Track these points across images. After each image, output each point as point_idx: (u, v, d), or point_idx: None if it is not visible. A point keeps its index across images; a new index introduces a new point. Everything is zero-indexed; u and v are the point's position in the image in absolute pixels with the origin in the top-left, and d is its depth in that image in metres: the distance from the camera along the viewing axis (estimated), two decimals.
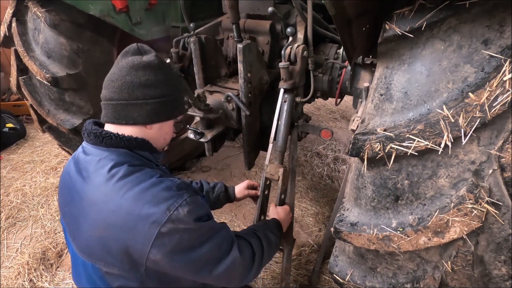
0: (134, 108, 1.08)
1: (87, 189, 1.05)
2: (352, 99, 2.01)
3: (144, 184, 1.01)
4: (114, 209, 0.98)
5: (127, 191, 0.99)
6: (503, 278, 1.08)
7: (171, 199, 1.00)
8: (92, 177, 1.05)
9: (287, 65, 1.66)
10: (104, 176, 1.02)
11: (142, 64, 1.07)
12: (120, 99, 1.07)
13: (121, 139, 1.09)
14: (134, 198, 0.98)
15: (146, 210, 0.96)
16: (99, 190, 1.02)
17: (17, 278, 2.32)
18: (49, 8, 2.04)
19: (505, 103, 0.92)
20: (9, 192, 3.13)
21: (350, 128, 1.51)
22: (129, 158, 1.09)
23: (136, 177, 1.03)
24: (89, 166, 1.07)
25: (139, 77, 1.06)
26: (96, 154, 1.08)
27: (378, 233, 1.19)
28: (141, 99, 1.07)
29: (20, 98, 3.83)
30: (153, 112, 1.10)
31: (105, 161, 1.05)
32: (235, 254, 1.13)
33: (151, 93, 1.08)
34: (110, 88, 1.08)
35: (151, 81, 1.08)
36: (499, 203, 0.99)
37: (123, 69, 1.07)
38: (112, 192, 1.00)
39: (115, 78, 1.07)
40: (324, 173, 3.44)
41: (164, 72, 1.11)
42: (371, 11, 1.24)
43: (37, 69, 2.12)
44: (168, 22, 2.47)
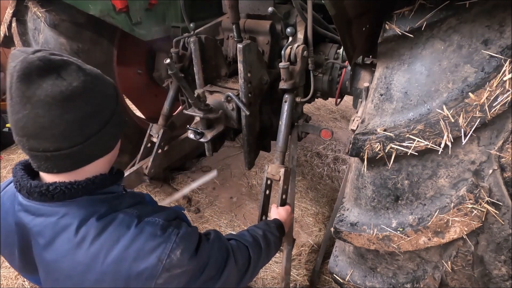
0: (92, 147, 0.87)
1: (52, 260, 0.87)
2: (352, 99, 2.02)
3: (124, 239, 0.86)
4: (98, 279, 0.86)
5: (107, 255, 0.84)
6: (503, 278, 1.08)
7: (159, 247, 0.88)
8: (55, 245, 0.86)
9: (287, 65, 1.66)
10: (70, 242, 0.84)
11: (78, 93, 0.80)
12: (72, 146, 0.83)
13: (77, 188, 0.87)
14: (117, 261, 0.84)
15: (135, 269, 0.85)
16: (71, 260, 0.86)
17: (17, 278, 2.32)
18: (49, 8, 2.04)
19: (505, 103, 0.92)
20: None
21: (350, 128, 1.51)
22: (92, 207, 0.89)
23: (111, 233, 0.86)
24: (46, 230, 0.86)
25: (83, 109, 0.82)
26: (50, 214, 0.86)
27: (378, 233, 1.19)
28: (96, 134, 0.86)
29: None
30: (112, 136, 0.92)
31: (66, 220, 0.85)
32: (230, 265, 1.08)
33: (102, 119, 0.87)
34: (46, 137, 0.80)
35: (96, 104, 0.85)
36: (499, 203, 0.99)
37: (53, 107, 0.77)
38: (88, 260, 0.85)
39: (47, 123, 0.78)
40: (324, 173, 3.44)
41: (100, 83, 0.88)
42: (371, 11, 1.24)
43: None
44: (168, 22, 2.47)
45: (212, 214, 2.92)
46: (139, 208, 0.97)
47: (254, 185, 3.28)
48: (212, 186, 3.28)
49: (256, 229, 1.37)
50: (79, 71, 0.82)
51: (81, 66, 0.84)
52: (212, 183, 3.31)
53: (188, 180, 3.31)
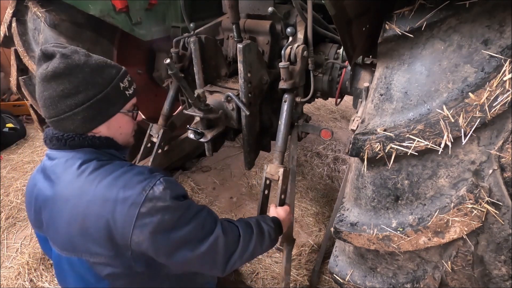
0: (67, 122, 1.06)
1: (58, 190, 1.05)
2: (352, 99, 2.02)
3: (116, 172, 1.03)
4: (90, 199, 1.00)
5: (100, 181, 1.01)
6: (503, 278, 1.08)
7: (144, 181, 1.02)
8: (61, 177, 1.06)
9: (287, 65, 1.66)
10: (74, 173, 1.03)
11: (50, 75, 1.01)
12: (51, 117, 1.06)
13: (84, 138, 1.09)
14: (108, 186, 1.00)
15: (122, 194, 0.98)
16: (71, 186, 1.03)
17: (17, 278, 2.32)
18: (49, 8, 2.04)
19: (505, 103, 0.92)
20: (9, 192, 3.13)
21: (350, 128, 1.51)
22: (96, 155, 1.09)
23: (107, 168, 1.05)
24: (57, 168, 1.08)
25: (55, 89, 1.02)
26: (62, 157, 1.08)
27: (378, 233, 1.19)
28: (68, 111, 1.04)
29: (20, 98, 3.83)
30: (86, 119, 1.07)
31: (73, 160, 1.06)
32: (218, 233, 1.13)
33: (74, 102, 1.04)
34: (40, 106, 1.08)
35: (68, 88, 1.03)
36: (499, 203, 0.99)
37: (39, 84, 1.04)
38: (85, 185, 1.01)
39: (38, 96, 1.05)
40: (324, 173, 3.44)
41: (78, 72, 1.03)
42: (371, 11, 1.24)
43: None
44: (168, 22, 2.47)
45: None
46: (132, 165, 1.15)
47: (254, 185, 3.28)
48: (212, 186, 3.28)
49: (250, 218, 1.41)
50: (59, 60, 1.01)
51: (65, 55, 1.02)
52: (212, 183, 3.31)
53: (188, 180, 3.31)
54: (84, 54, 1.07)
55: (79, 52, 1.06)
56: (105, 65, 1.10)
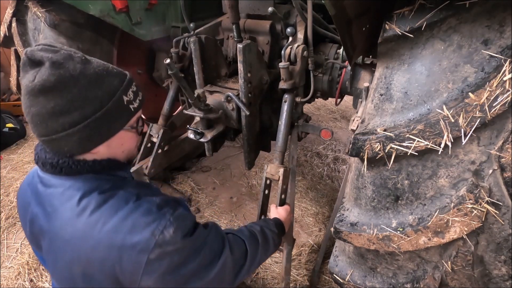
0: (59, 142, 0.90)
1: (57, 226, 0.94)
2: (352, 99, 2.02)
3: (122, 212, 0.90)
4: (94, 245, 0.89)
5: (104, 224, 0.89)
6: (503, 278, 1.08)
7: (153, 222, 0.91)
8: (59, 212, 0.93)
9: (287, 65, 1.66)
10: (73, 210, 0.90)
11: (38, 88, 0.83)
12: (41, 135, 0.90)
13: (83, 165, 0.94)
14: (113, 231, 0.89)
15: (129, 240, 0.88)
16: (71, 227, 0.91)
17: (17, 278, 2.32)
18: (49, 8, 2.04)
19: (505, 103, 0.92)
20: (9, 192, 3.13)
21: (350, 128, 1.51)
22: (96, 183, 0.95)
23: (110, 206, 0.91)
24: (53, 200, 0.94)
25: (44, 106, 0.85)
26: (58, 185, 0.94)
27: (378, 233, 1.19)
28: (60, 131, 0.87)
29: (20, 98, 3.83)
30: (83, 140, 0.91)
31: (71, 192, 0.92)
32: (226, 254, 1.08)
33: (68, 120, 0.87)
34: (27, 122, 0.90)
35: (60, 105, 0.85)
36: (499, 203, 0.99)
37: (25, 97, 0.86)
38: (87, 228, 0.89)
39: (25, 110, 0.88)
40: (324, 173, 3.44)
41: (72, 85, 0.85)
42: (371, 11, 1.24)
43: None
44: (168, 22, 2.47)
45: (212, 214, 2.93)
46: (139, 189, 1.02)
47: (254, 185, 3.28)
48: (212, 186, 3.28)
49: (254, 225, 1.37)
50: (48, 69, 0.83)
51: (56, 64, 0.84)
52: (212, 183, 3.31)
53: (188, 180, 3.31)
54: (80, 60, 0.88)
55: (74, 58, 0.87)
56: (105, 74, 0.92)
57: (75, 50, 0.90)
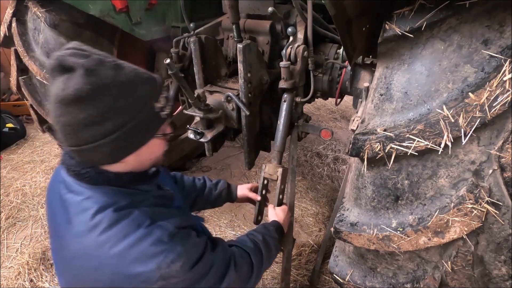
0: (89, 153, 0.87)
1: (68, 236, 0.92)
2: (352, 99, 2.02)
3: (131, 238, 0.87)
4: (98, 267, 0.88)
5: (111, 248, 0.86)
6: (503, 278, 1.08)
7: (161, 254, 0.88)
8: (73, 222, 0.91)
9: (288, 64, 1.66)
10: (86, 224, 0.88)
11: (71, 98, 0.79)
12: (70, 145, 0.87)
13: (105, 178, 0.92)
14: (120, 256, 0.86)
15: (133, 270, 0.86)
16: (80, 242, 0.89)
17: (17, 278, 2.32)
18: (49, 8, 2.04)
19: (505, 103, 0.92)
20: (9, 192, 3.13)
21: (350, 128, 1.51)
22: (114, 198, 0.92)
23: (121, 228, 0.88)
24: (71, 207, 0.93)
25: (75, 116, 0.81)
26: (79, 193, 0.93)
27: (378, 233, 1.19)
28: (91, 142, 0.84)
29: (20, 98, 3.83)
30: (114, 151, 0.88)
31: (88, 203, 0.90)
32: (231, 274, 1.07)
33: (100, 132, 0.83)
34: (57, 129, 0.87)
35: (93, 116, 0.81)
36: (499, 203, 0.99)
37: (55, 106, 0.82)
38: (94, 247, 0.87)
39: (54, 119, 0.84)
40: (324, 173, 3.44)
41: (105, 94, 0.82)
42: (371, 11, 1.24)
43: (37, 69, 2.12)
44: (168, 22, 2.47)
45: (212, 214, 2.92)
46: (157, 209, 0.99)
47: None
48: None
49: (256, 234, 1.36)
50: (82, 78, 0.78)
51: (90, 72, 0.80)
52: None
53: None
54: (112, 66, 0.84)
55: (105, 64, 0.82)
56: (137, 80, 0.87)
57: (105, 54, 0.86)
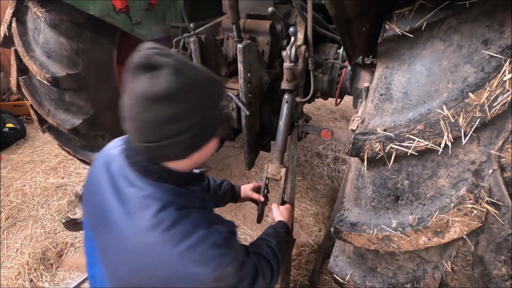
0: (165, 149, 0.91)
1: (128, 230, 0.94)
2: (352, 99, 2.02)
3: (191, 239, 0.92)
4: (159, 264, 0.92)
5: (174, 246, 0.91)
6: (503, 278, 1.08)
7: (218, 257, 0.94)
8: (135, 217, 0.93)
9: (292, 66, 1.66)
10: (149, 221, 0.91)
11: (159, 97, 0.82)
12: (147, 141, 0.89)
13: (170, 175, 0.97)
14: (180, 256, 0.91)
15: (192, 270, 0.91)
16: (143, 237, 0.92)
17: (17, 278, 2.32)
18: (49, 8, 2.04)
19: (505, 103, 0.92)
20: (9, 192, 3.13)
21: (350, 128, 1.51)
22: (175, 196, 0.97)
23: (183, 228, 0.93)
24: (133, 201, 0.95)
25: (161, 113, 0.84)
26: (141, 188, 0.95)
27: (378, 233, 1.19)
28: (169, 138, 0.88)
29: (20, 98, 3.83)
30: (187, 146, 0.93)
31: (151, 200, 0.93)
32: (260, 280, 1.13)
33: (180, 128, 0.87)
34: (133, 126, 0.89)
35: (177, 113, 0.85)
36: (499, 203, 0.99)
37: (139, 103, 0.84)
38: (157, 244, 0.91)
39: (134, 115, 0.86)
40: (324, 173, 3.44)
41: (189, 92, 0.86)
42: (371, 11, 1.24)
43: (37, 69, 2.12)
44: (168, 22, 2.47)
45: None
46: (207, 212, 1.05)
47: None
48: None
49: (270, 240, 1.38)
50: (171, 76, 0.82)
51: (178, 71, 0.83)
52: None
53: None
54: (190, 66, 0.88)
55: (185, 63, 0.87)
56: (210, 80, 0.93)
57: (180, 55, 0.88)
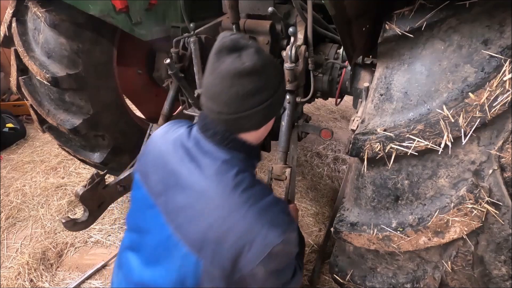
0: (244, 120, 1.04)
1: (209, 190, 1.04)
2: (352, 99, 2.02)
3: (265, 201, 1.03)
4: (239, 219, 1.00)
5: (251, 206, 1.01)
6: (503, 278, 1.08)
7: (286, 223, 1.04)
8: (216, 180, 1.04)
9: (293, 66, 1.65)
10: (229, 183, 1.02)
11: (246, 72, 0.97)
12: (230, 113, 1.03)
13: (244, 145, 1.09)
14: (257, 214, 1.00)
15: (265, 230, 0.99)
16: (223, 196, 1.02)
17: (17, 278, 2.32)
18: (49, 8, 2.04)
19: (505, 103, 0.92)
20: (9, 192, 3.13)
21: (350, 128, 1.51)
22: (246, 165, 1.10)
23: (258, 191, 1.05)
24: (212, 167, 1.06)
25: (246, 86, 0.99)
26: (218, 156, 1.07)
27: (378, 233, 1.19)
28: (249, 109, 1.02)
29: (20, 98, 3.82)
30: (263, 116, 1.07)
31: (228, 166, 1.05)
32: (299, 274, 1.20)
33: (259, 99, 1.02)
34: (216, 101, 1.02)
35: (258, 86, 1.00)
36: (499, 203, 0.99)
37: (226, 79, 0.99)
38: (237, 203, 1.01)
39: (219, 90, 1.00)
40: (324, 173, 3.44)
41: (267, 68, 1.03)
42: (371, 11, 1.24)
43: (37, 69, 2.12)
44: (168, 22, 2.47)
45: None
46: None
47: None
48: None
49: None
50: (255, 55, 0.98)
51: (259, 50, 1.01)
52: None
53: None
54: (263, 49, 1.06)
55: (260, 47, 1.04)
56: (276, 62, 1.11)
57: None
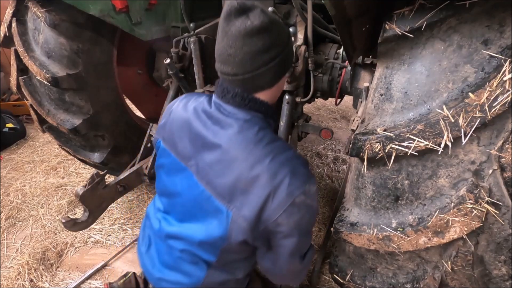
0: (259, 78, 1.08)
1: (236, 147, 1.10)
2: (352, 99, 2.02)
3: (287, 154, 1.10)
4: (263, 170, 1.05)
5: (274, 157, 1.07)
6: (503, 278, 1.08)
7: (306, 175, 1.09)
8: (240, 137, 1.10)
9: (293, 66, 1.65)
10: (253, 138, 1.09)
11: (256, 30, 1.01)
12: (244, 73, 1.07)
13: (261, 104, 1.14)
14: (280, 165, 1.06)
15: (288, 179, 1.04)
16: (249, 150, 1.08)
17: (17, 278, 2.32)
18: (49, 8, 2.04)
19: (505, 103, 0.92)
20: (9, 192, 3.13)
21: (350, 128, 1.51)
22: (265, 123, 1.15)
23: (279, 144, 1.12)
24: (235, 126, 1.11)
25: (256, 45, 1.03)
26: (239, 116, 1.12)
27: (378, 233, 1.19)
28: (263, 67, 1.06)
29: (20, 98, 3.83)
30: (276, 73, 1.11)
31: (251, 124, 1.11)
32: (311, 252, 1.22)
33: (271, 56, 1.06)
34: (230, 63, 1.06)
35: (268, 43, 1.04)
36: (499, 203, 0.99)
37: (237, 40, 1.02)
38: (261, 155, 1.07)
39: (232, 52, 1.04)
40: (324, 173, 3.44)
41: (276, 25, 1.07)
42: (371, 11, 1.24)
43: (37, 69, 2.12)
44: (168, 22, 2.46)
45: None
46: None
47: None
48: None
49: None
50: (261, 14, 1.02)
51: (264, 10, 1.04)
52: None
53: None
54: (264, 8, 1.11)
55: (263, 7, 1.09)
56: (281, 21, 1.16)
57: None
